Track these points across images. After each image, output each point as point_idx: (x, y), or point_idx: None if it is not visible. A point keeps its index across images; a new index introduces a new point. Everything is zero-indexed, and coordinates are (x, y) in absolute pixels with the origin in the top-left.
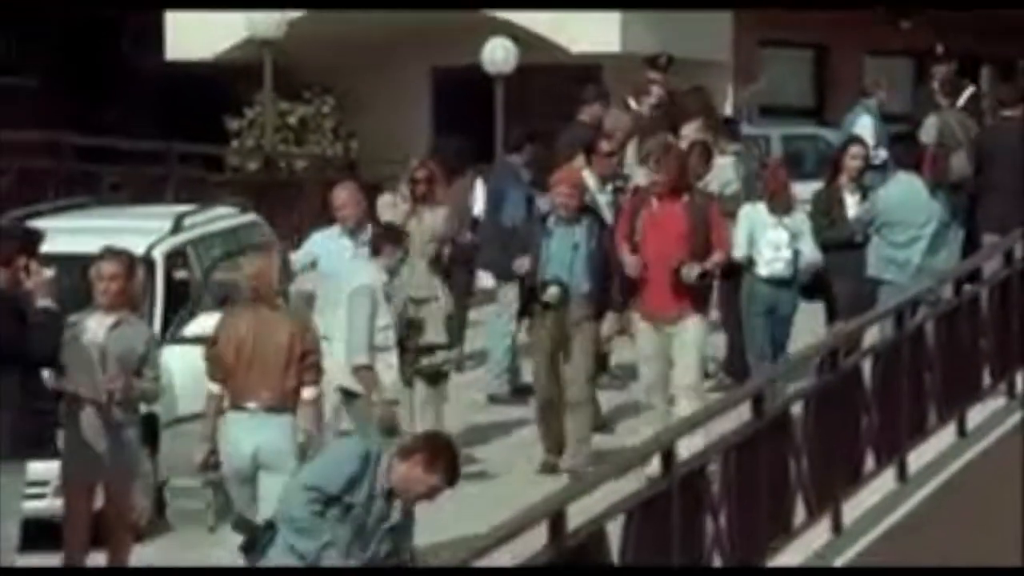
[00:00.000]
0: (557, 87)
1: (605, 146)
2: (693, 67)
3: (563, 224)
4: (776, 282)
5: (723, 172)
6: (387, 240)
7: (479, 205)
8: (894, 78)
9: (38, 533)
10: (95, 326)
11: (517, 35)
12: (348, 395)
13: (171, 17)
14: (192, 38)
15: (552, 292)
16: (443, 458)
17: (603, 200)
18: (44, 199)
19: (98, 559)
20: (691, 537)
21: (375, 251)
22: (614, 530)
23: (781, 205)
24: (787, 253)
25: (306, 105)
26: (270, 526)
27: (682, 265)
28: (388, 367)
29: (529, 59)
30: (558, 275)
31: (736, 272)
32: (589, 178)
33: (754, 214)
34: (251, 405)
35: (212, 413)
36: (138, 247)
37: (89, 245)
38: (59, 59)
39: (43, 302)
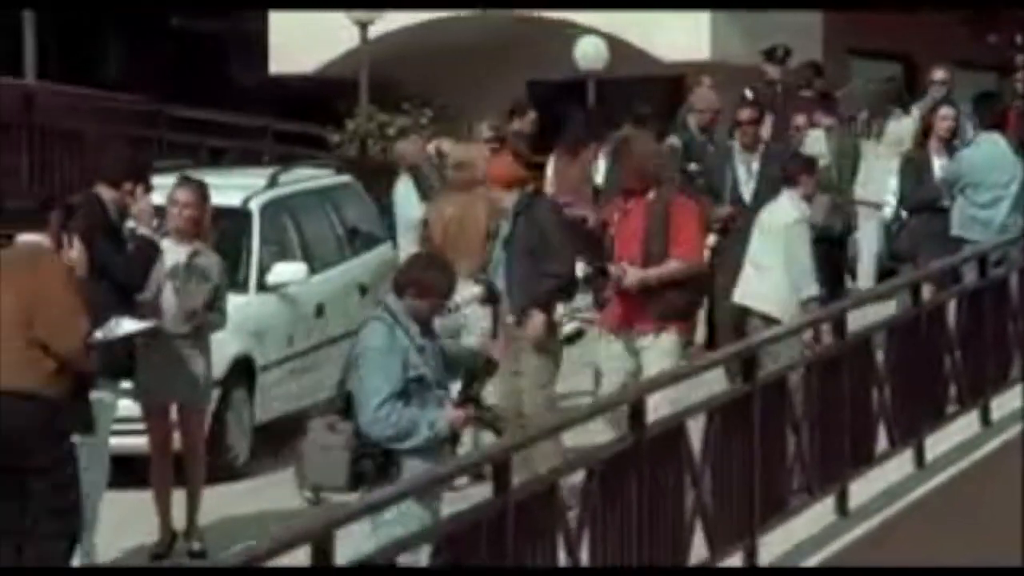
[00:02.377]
0: (648, 96)
1: (745, 114)
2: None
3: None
4: None
5: (814, 146)
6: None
7: (600, 175)
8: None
9: (127, 470)
10: (170, 252)
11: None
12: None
13: (274, 32)
14: (294, 53)
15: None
16: (431, 280)
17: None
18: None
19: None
20: (772, 447)
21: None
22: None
23: None
24: None
25: (404, 116)
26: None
27: (601, 268)
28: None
29: (621, 70)
30: None
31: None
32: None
33: None
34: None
35: None
36: (235, 200)
37: None
38: (167, 77)
39: (142, 229)
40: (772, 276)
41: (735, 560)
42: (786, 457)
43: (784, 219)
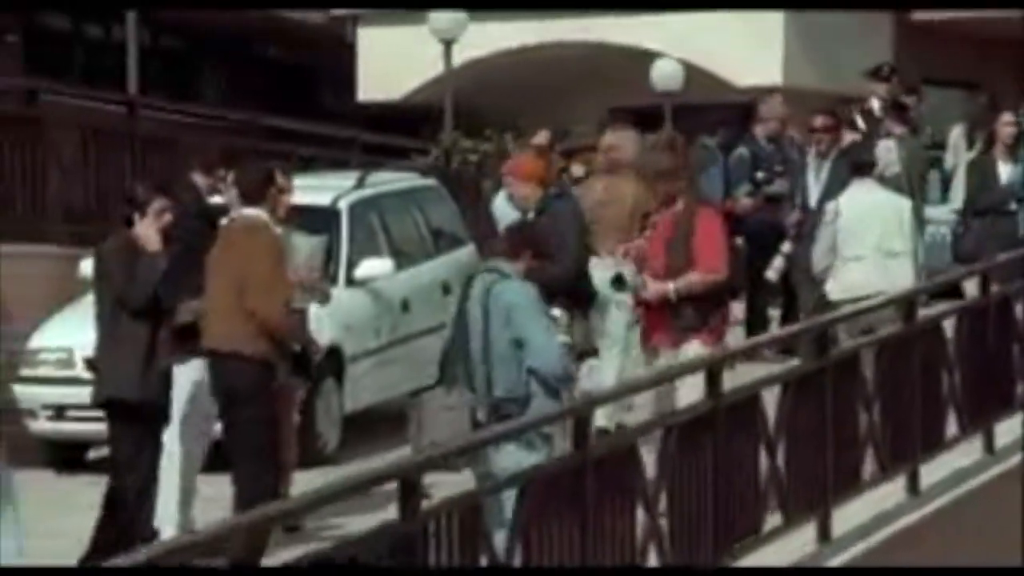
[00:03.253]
0: (722, 121)
1: (818, 121)
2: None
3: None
4: None
5: (885, 154)
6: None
7: None
8: None
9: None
10: None
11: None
12: None
13: (362, 62)
14: (381, 81)
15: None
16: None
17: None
18: None
19: None
20: (845, 422)
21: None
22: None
23: None
24: None
25: (487, 143)
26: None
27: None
28: None
29: (696, 95)
30: None
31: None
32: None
33: None
34: (602, 253)
35: None
36: (324, 199)
37: None
38: (261, 103)
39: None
40: (907, 261)
41: (808, 530)
42: (859, 433)
43: (900, 204)
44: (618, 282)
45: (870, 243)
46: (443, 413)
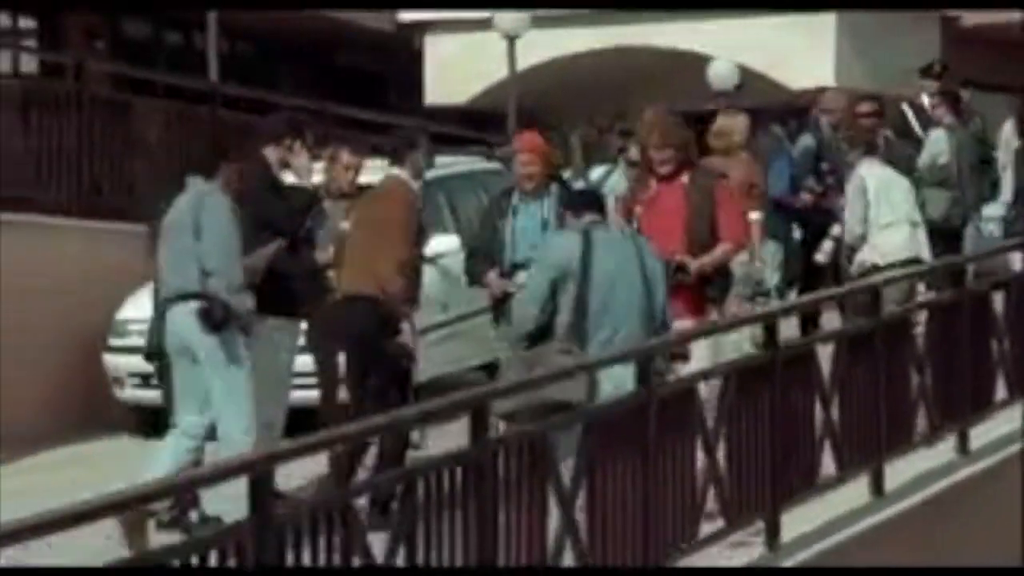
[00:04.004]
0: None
1: (863, 107)
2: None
3: (527, 199)
4: None
5: (935, 144)
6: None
7: None
8: None
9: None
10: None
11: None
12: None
13: (429, 67)
14: (447, 86)
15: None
16: None
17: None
18: None
19: None
20: (897, 381)
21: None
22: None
23: None
24: None
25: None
26: None
27: (681, 265)
28: None
29: (750, 98)
30: (530, 257)
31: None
32: None
33: None
34: None
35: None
36: None
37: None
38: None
39: (301, 181)
40: (923, 231)
41: (862, 482)
42: (910, 393)
43: (906, 180)
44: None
45: (902, 212)
46: (560, 357)
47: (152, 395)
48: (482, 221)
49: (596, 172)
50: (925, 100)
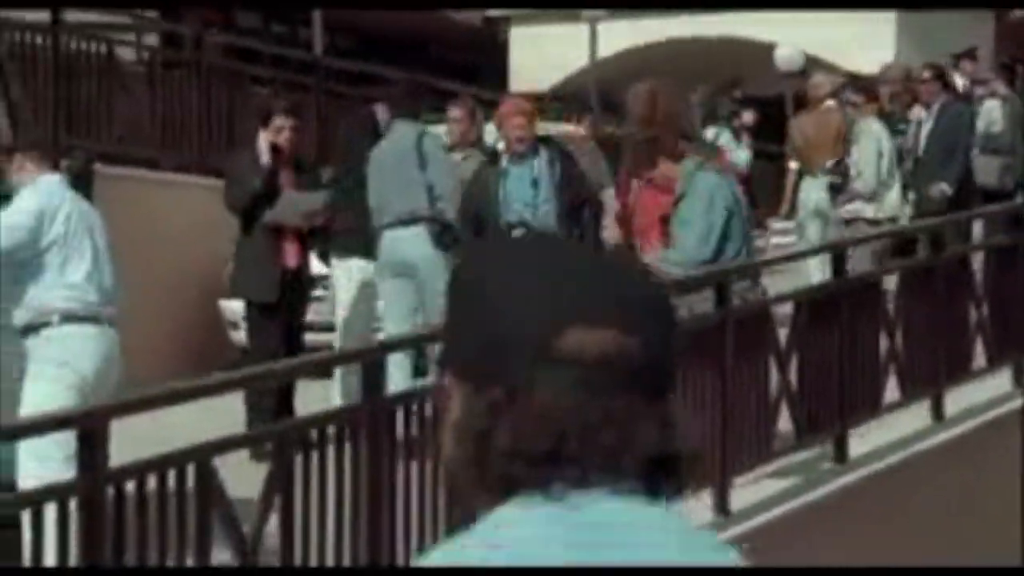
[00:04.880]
0: None
1: (927, 72)
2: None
3: (517, 160)
4: None
5: (989, 112)
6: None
7: None
8: None
9: None
10: None
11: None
12: None
13: (514, 58)
14: (531, 74)
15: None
16: None
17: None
18: None
19: None
20: (956, 315)
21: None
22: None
23: None
24: None
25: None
26: None
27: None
28: None
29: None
30: (523, 217)
31: None
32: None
33: None
34: (816, 172)
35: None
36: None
37: None
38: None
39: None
40: None
41: (923, 407)
42: (969, 327)
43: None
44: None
45: (896, 175)
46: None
47: None
48: (471, 187)
49: (709, 132)
50: (958, 81)
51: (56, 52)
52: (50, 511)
